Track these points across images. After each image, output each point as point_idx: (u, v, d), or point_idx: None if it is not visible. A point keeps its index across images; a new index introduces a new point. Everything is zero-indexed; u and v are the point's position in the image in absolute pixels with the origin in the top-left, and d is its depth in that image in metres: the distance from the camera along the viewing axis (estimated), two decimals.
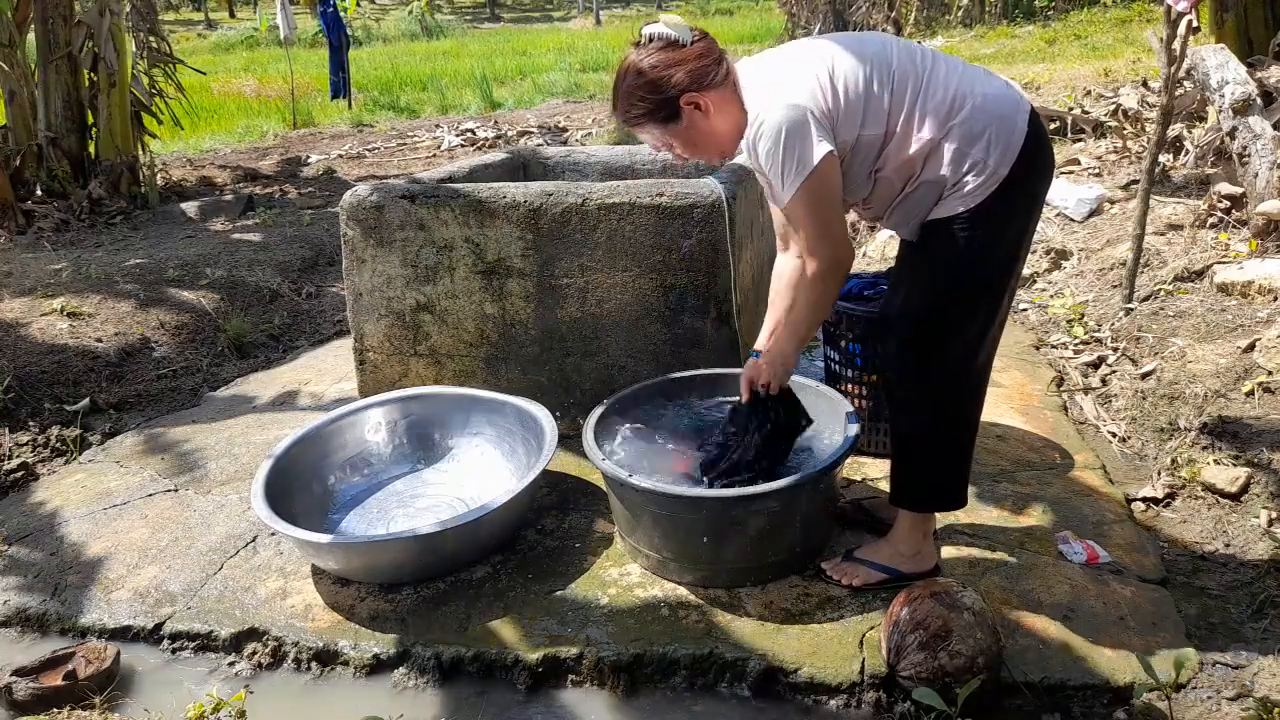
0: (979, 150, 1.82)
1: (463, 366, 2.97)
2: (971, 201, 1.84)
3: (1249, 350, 2.99)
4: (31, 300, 4.13)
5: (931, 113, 1.83)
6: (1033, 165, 1.86)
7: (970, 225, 1.86)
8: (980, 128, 1.82)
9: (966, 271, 1.90)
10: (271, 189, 7.34)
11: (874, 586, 2.13)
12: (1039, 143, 1.87)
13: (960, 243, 1.87)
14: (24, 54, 6.43)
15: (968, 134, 1.82)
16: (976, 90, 1.84)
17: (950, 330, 1.93)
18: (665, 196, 2.68)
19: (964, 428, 2.06)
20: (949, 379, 1.98)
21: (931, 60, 1.88)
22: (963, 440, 2.07)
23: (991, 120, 1.82)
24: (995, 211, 1.84)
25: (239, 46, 23.29)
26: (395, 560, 2.26)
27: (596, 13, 27.21)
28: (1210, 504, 2.47)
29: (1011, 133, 1.83)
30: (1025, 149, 1.83)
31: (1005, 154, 1.82)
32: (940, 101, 1.83)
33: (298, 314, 4.59)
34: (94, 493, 2.85)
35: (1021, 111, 1.85)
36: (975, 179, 1.83)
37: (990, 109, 1.83)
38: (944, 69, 1.87)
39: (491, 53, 18.04)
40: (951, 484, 2.10)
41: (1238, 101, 4.05)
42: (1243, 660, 1.91)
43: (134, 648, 2.18)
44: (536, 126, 9.92)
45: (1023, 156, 1.83)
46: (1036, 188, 1.92)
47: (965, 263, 1.89)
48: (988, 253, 1.89)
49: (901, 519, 2.15)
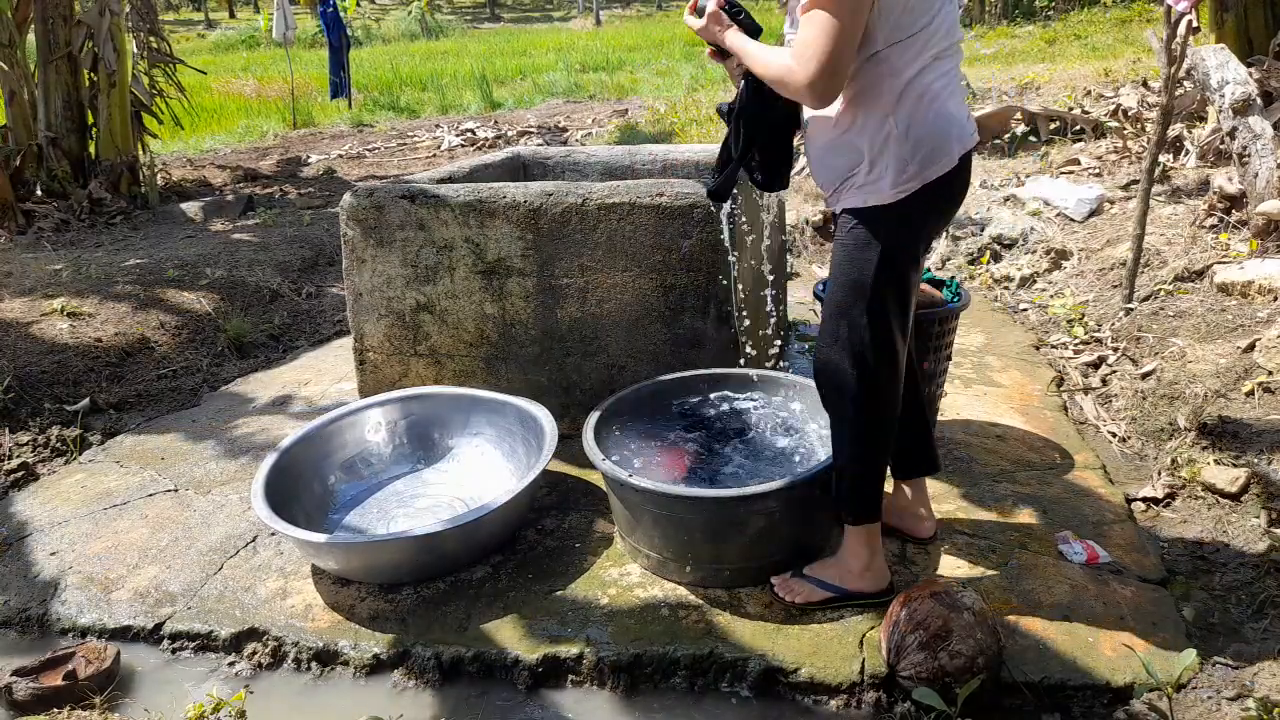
0: (906, 148, 1.81)
1: (463, 366, 2.97)
2: (884, 195, 1.85)
3: (1249, 350, 2.99)
4: (32, 300, 4.13)
5: (909, 69, 1.79)
6: (941, 195, 1.87)
7: (874, 217, 1.87)
8: (925, 133, 1.81)
9: (858, 271, 1.90)
10: (271, 189, 7.34)
11: (818, 605, 2.09)
12: (958, 180, 1.88)
13: (858, 234, 1.89)
14: (24, 54, 6.43)
15: (912, 128, 1.81)
16: (952, 99, 1.84)
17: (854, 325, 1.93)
18: (665, 196, 2.68)
19: (886, 433, 2.02)
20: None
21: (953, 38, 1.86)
22: (884, 447, 2.04)
23: (938, 132, 1.82)
24: (903, 215, 1.85)
25: (239, 46, 23.31)
26: (395, 560, 2.26)
27: (596, 13, 27.22)
28: (1210, 504, 2.47)
29: (942, 157, 1.83)
30: (945, 177, 1.84)
31: (924, 169, 1.82)
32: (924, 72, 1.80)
33: (298, 314, 4.59)
34: (94, 493, 2.85)
35: (959, 145, 1.85)
36: (894, 176, 1.83)
37: (940, 125, 1.82)
38: (956, 60, 1.87)
39: (491, 53, 18.05)
40: (864, 493, 2.04)
41: (1238, 101, 4.05)
42: (1243, 660, 1.90)
43: (134, 648, 2.18)
44: (536, 126, 9.92)
45: (940, 182, 1.84)
46: (928, 220, 1.92)
47: (857, 262, 1.90)
48: (879, 254, 1.88)
49: (848, 534, 2.10)
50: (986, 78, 8.09)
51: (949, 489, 2.56)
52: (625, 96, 12.09)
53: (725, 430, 2.57)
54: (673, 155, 3.61)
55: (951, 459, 2.71)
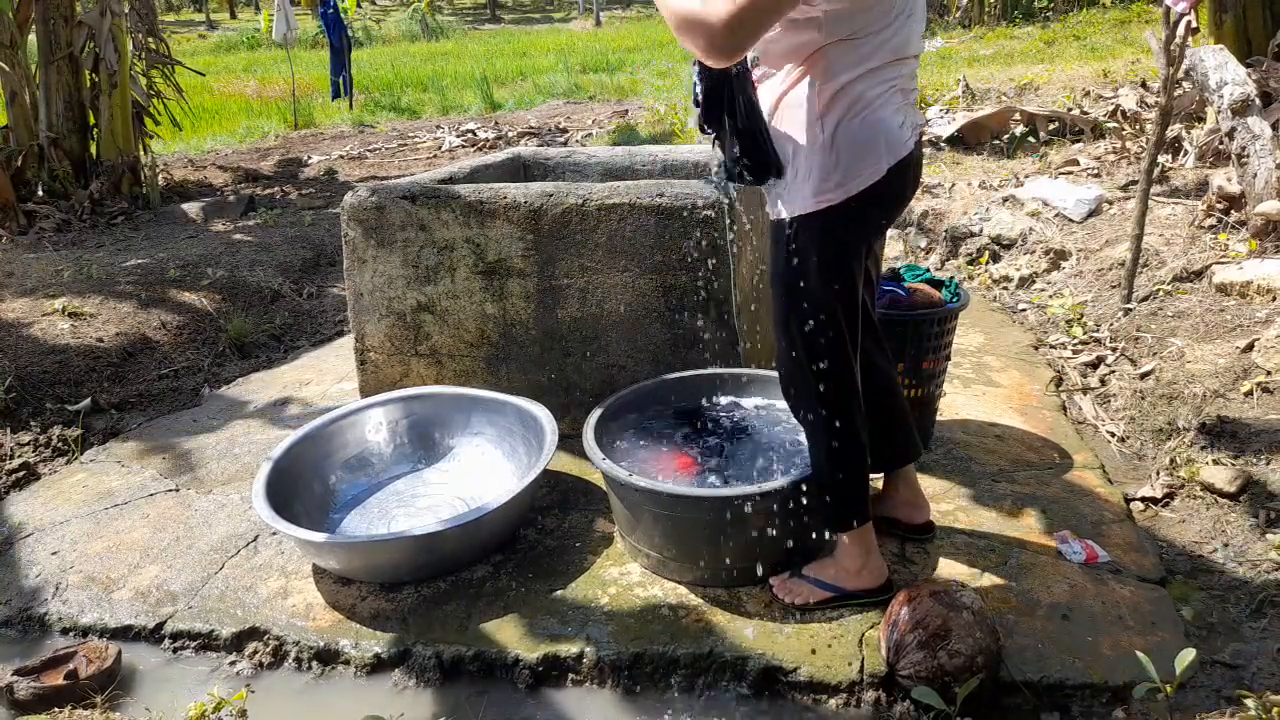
0: (830, 158, 1.78)
1: (463, 366, 2.98)
2: (805, 204, 1.82)
3: (1248, 350, 2.99)
4: (33, 300, 4.13)
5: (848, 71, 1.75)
6: (872, 203, 1.82)
7: (805, 224, 1.83)
8: (849, 140, 1.76)
9: (787, 286, 1.89)
10: (273, 189, 7.35)
11: (818, 605, 2.09)
12: (890, 189, 1.82)
13: (791, 242, 1.86)
14: (25, 55, 6.44)
15: (838, 136, 1.77)
16: (886, 107, 1.78)
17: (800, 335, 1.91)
18: (665, 197, 2.69)
19: (853, 438, 2.00)
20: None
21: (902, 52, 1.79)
22: (855, 451, 2.01)
23: (863, 141, 1.77)
24: (827, 226, 1.82)
25: (240, 47, 23.32)
26: (396, 559, 2.27)
27: (596, 14, 27.24)
28: (1209, 504, 2.47)
29: (867, 168, 1.78)
30: (873, 188, 1.79)
31: (844, 183, 1.78)
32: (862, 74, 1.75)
33: (299, 314, 4.60)
34: (95, 492, 2.86)
35: (888, 155, 1.79)
36: (817, 182, 1.79)
37: (866, 134, 1.77)
38: (903, 70, 1.81)
39: (492, 54, 18.07)
40: (848, 498, 2.03)
41: (1236, 102, 4.06)
42: (1242, 660, 1.91)
43: (135, 647, 2.19)
44: (537, 127, 9.93)
45: (867, 193, 1.79)
46: (856, 228, 1.86)
47: (786, 276, 1.88)
48: (809, 265, 1.85)
49: (840, 536, 2.11)
50: (985, 78, 8.09)
51: (948, 489, 2.56)
52: (625, 98, 12.11)
53: (725, 430, 2.57)
54: (673, 156, 3.62)
55: (950, 459, 2.71)
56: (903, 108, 1.84)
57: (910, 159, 1.85)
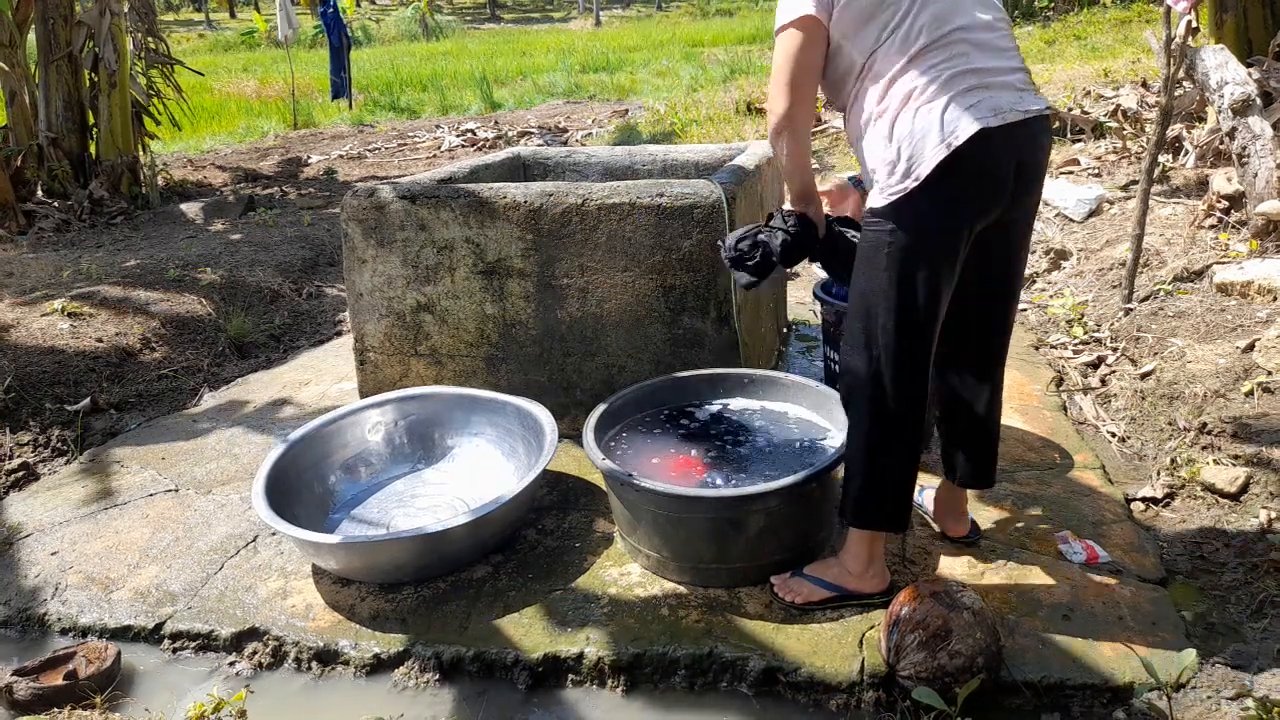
0: (891, 151, 1.81)
1: (463, 366, 2.98)
2: (879, 200, 1.85)
3: (1248, 350, 2.99)
4: (32, 300, 4.13)
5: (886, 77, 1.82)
6: (946, 193, 1.79)
7: (878, 223, 1.86)
8: (904, 133, 1.79)
9: (866, 278, 1.90)
10: (272, 189, 7.35)
11: (818, 605, 2.09)
12: (954, 175, 1.77)
13: (869, 239, 1.89)
14: (24, 54, 6.44)
15: (895, 131, 1.81)
16: (941, 96, 1.78)
17: (875, 332, 1.90)
18: (665, 197, 2.69)
19: (897, 442, 1.97)
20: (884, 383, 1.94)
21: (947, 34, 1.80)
22: (894, 457, 1.99)
23: (917, 132, 1.78)
24: (904, 218, 1.82)
25: (239, 47, 23.33)
26: (395, 560, 2.26)
27: (596, 13, 27.25)
28: (1210, 504, 2.47)
29: (923, 160, 1.77)
30: (930, 177, 1.77)
31: (910, 170, 1.78)
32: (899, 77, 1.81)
33: (298, 314, 4.59)
34: (94, 492, 2.85)
35: (944, 143, 1.76)
36: (885, 179, 1.83)
37: (920, 125, 1.78)
38: (951, 51, 1.80)
39: (491, 53, 18.07)
40: (886, 502, 2.01)
41: (1237, 102, 4.05)
42: (1243, 660, 1.91)
43: (134, 647, 2.18)
44: (537, 127, 9.93)
45: (927, 184, 1.77)
46: (935, 221, 1.83)
47: (865, 269, 1.90)
48: (885, 260, 1.85)
49: (850, 535, 2.10)
50: None
51: None
52: (625, 97, 12.11)
53: (725, 430, 2.57)
54: (673, 156, 3.61)
55: None
56: (967, 91, 1.78)
57: (988, 134, 1.75)
